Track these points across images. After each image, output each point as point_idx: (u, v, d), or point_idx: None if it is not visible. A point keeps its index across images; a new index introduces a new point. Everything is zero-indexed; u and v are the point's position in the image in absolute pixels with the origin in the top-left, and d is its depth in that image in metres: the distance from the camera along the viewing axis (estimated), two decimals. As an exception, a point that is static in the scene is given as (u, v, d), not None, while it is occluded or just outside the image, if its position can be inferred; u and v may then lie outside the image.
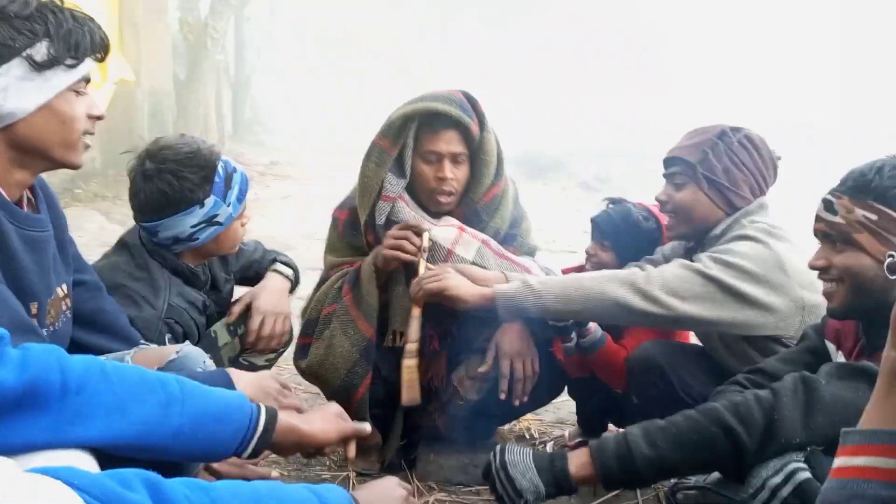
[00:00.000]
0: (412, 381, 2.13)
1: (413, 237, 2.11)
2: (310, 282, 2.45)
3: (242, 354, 2.24)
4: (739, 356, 2.08)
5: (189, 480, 0.98)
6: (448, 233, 2.20)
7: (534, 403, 2.44)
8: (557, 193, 10.38)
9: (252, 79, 13.75)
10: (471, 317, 2.19)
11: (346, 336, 2.16)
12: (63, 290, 1.55)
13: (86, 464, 1.09)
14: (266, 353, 2.27)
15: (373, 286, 2.15)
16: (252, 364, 2.24)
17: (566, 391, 2.58)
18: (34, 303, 1.42)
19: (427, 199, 2.22)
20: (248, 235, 2.28)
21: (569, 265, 2.61)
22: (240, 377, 1.46)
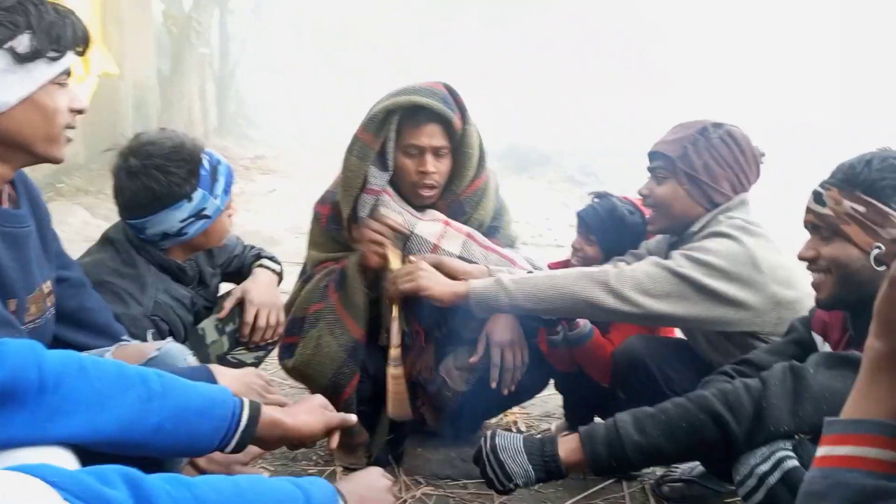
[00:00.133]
0: (399, 395, 2.12)
1: (385, 230, 2.11)
2: (294, 275, 2.44)
3: (231, 352, 2.22)
4: (721, 351, 2.09)
5: (170, 476, 0.97)
6: (433, 227, 2.19)
7: (520, 396, 2.45)
8: (545, 187, 10.39)
9: (236, 72, 13.64)
10: (457, 309, 2.19)
11: (334, 336, 2.15)
12: (46, 287, 1.53)
13: (66, 460, 1.08)
14: (257, 350, 2.26)
15: (358, 286, 2.15)
16: (241, 361, 2.22)
17: (553, 385, 2.58)
18: (12, 300, 1.40)
19: (409, 193, 2.22)
20: (234, 230, 2.26)
21: (555, 259, 2.61)
22: (222, 373, 1.45)
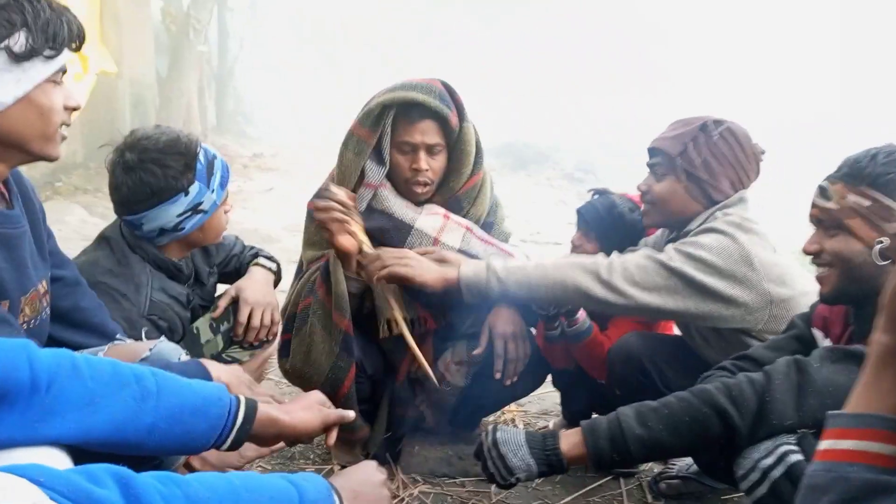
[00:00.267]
0: (422, 359, 2.05)
1: (332, 204, 2.03)
2: (293, 273, 2.43)
3: (226, 350, 2.22)
4: (715, 347, 2.08)
5: (161, 474, 0.96)
6: (434, 221, 2.20)
7: (518, 393, 2.45)
8: (543, 185, 10.38)
9: (235, 70, 13.61)
10: (455, 304, 2.19)
11: (326, 330, 2.14)
12: (42, 286, 1.52)
13: (58, 459, 1.07)
14: (251, 349, 2.25)
15: (340, 274, 2.12)
16: (235, 360, 2.22)
17: (550, 382, 2.58)
18: (5, 301, 1.39)
19: (403, 189, 2.22)
20: (232, 228, 2.25)
21: (554, 257, 2.60)
22: (213, 367, 1.44)
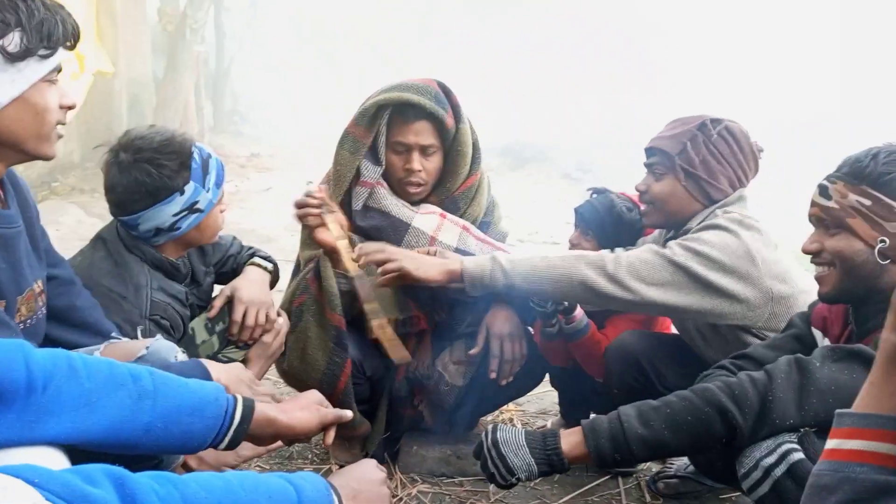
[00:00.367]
0: (391, 339, 2.07)
1: (309, 200, 2.07)
2: (289, 273, 2.43)
3: (222, 351, 2.21)
4: (714, 346, 2.08)
5: (157, 474, 0.95)
6: (430, 220, 2.21)
7: (516, 392, 2.45)
8: (542, 185, 10.37)
9: (232, 70, 13.58)
10: (454, 303, 2.18)
11: (321, 326, 2.15)
12: (38, 286, 1.52)
13: (55, 459, 1.06)
14: (246, 349, 2.25)
15: (329, 271, 2.14)
16: (231, 360, 2.21)
17: (548, 381, 2.58)
18: (2, 301, 1.39)
19: (397, 188, 2.23)
20: (230, 227, 2.25)
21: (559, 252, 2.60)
22: (213, 367, 1.44)
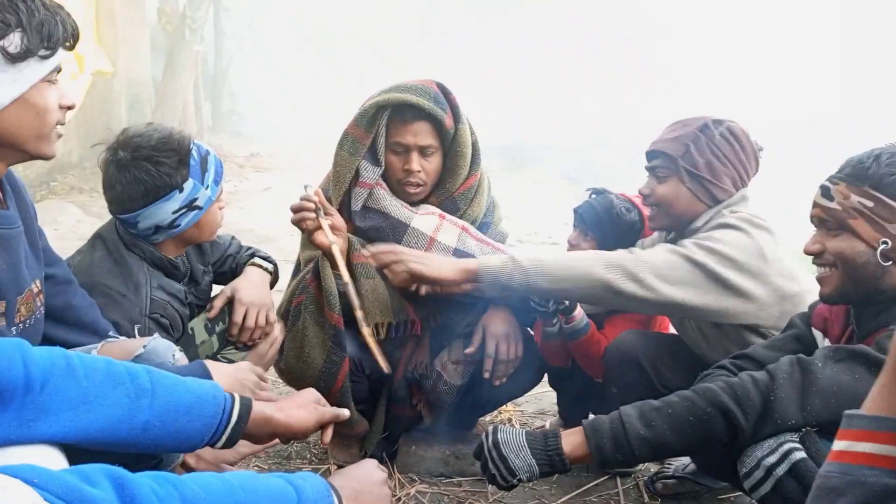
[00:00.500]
0: (376, 350, 2.02)
1: (305, 204, 2.06)
2: (289, 273, 2.43)
3: (221, 351, 2.21)
4: (715, 346, 2.08)
5: (157, 474, 0.95)
6: (429, 221, 2.21)
7: (514, 392, 2.45)
8: (541, 185, 10.37)
9: (231, 70, 13.57)
10: (453, 303, 2.18)
11: (318, 325, 2.15)
12: (37, 286, 1.52)
13: (53, 458, 1.07)
14: (246, 349, 2.25)
15: (327, 271, 2.14)
16: (230, 361, 2.21)
17: (547, 382, 2.58)
18: (1, 301, 1.39)
19: (396, 189, 2.23)
20: (228, 228, 2.25)
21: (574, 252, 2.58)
22: (217, 369, 1.44)
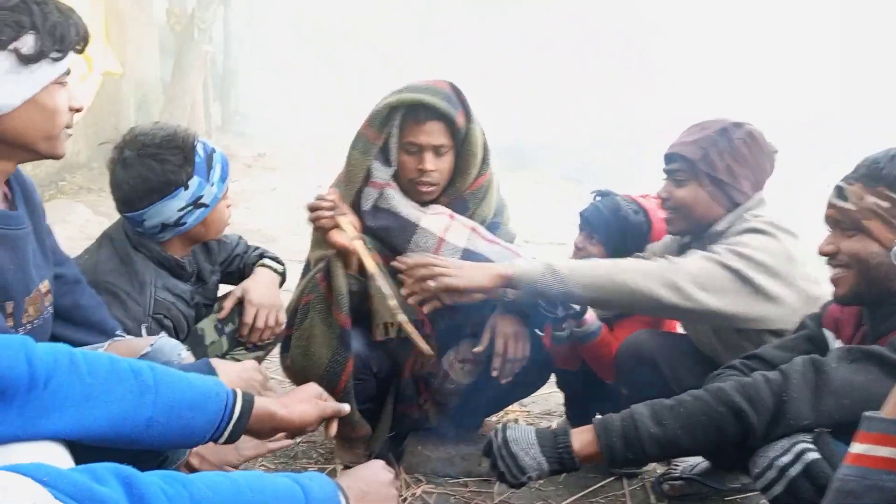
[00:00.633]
0: (415, 334, 2.07)
1: (322, 203, 2.09)
2: (297, 274, 2.43)
3: (230, 352, 2.22)
4: (732, 347, 2.06)
5: (165, 473, 0.96)
6: (439, 221, 2.21)
7: (521, 392, 2.45)
8: (543, 185, 10.36)
9: (238, 70, 13.61)
10: (461, 305, 2.18)
11: (326, 324, 2.15)
12: (44, 287, 1.53)
13: (57, 454, 1.07)
14: (255, 350, 2.26)
15: (339, 270, 2.14)
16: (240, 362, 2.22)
17: (553, 382, 2.58)
18: (9, 302, 1.40)
19: (409, 189, 2.23)
20: (235, 228, 2.25)
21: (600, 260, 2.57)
22: (223, 367, 1.45)
